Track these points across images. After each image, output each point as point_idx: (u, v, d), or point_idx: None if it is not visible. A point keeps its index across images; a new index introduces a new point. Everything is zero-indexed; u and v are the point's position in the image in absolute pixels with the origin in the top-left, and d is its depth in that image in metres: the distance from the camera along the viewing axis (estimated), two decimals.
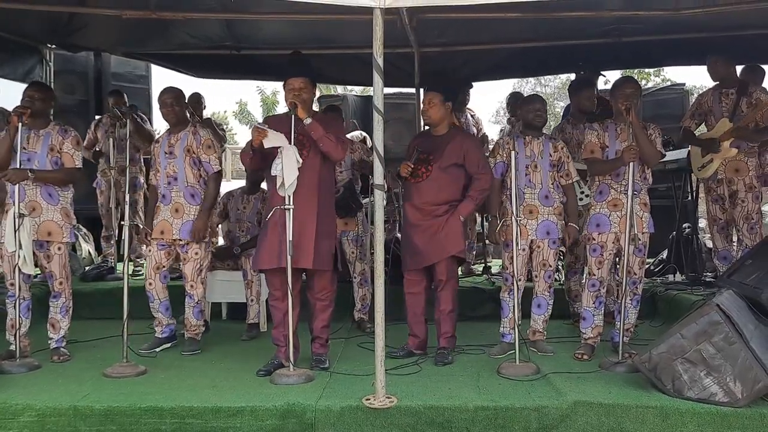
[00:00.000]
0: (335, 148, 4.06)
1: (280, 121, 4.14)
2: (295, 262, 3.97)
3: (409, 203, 4.50)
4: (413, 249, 4.46)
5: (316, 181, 4.08)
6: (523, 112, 4.71)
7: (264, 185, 4.93)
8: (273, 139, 3.94)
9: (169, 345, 4.76)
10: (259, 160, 4.14)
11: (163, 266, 4.71)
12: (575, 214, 4.66)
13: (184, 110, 4.80)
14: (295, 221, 3.93)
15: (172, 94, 4.70)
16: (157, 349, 4.67)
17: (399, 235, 6.41)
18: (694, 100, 5.80)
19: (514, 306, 4.30)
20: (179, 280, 5.01)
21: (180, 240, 4.63)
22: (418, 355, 4.49)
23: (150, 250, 4.67)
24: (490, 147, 6.33)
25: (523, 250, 4.49)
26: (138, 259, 6.74)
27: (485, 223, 6.99)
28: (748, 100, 5.19)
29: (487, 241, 6.89)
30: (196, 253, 4.67)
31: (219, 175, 4.74)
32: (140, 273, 6.46)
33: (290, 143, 3.92)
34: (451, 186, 4.43)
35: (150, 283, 4.67)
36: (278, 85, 4.32)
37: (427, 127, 4.72)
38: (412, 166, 4.41)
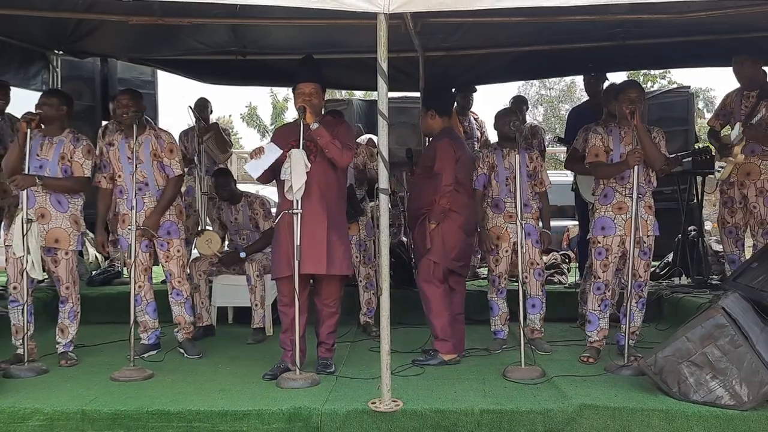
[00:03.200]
0: (340, 155, 4.04)
1: (289, 128, 4.15)
2: (311, 268, 3.99)
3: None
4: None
5: (324, 186, 4.07)
6: (499, 125, 4.81)
7: (247, 188, 4.91)
8: (268, 155, 3.96)
9: (154, 352, 4.72)
10: (270, 173, 4.13)
11: (150, 268, 4.72)
12: (548, 220, 4.91)
13: (141, 114, 4.67)
14: (306, 227, 3.94)
15: (129, 96, 4.61)
16: (145, 356, 4.62)
17: (404, 238, 6.43)
18: (720, 100, 5.73)
19: (522, 306, 4.32)
20: (163, 284, 5.00)
21: (158, 237, 4.62)
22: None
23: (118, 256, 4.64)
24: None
25: (506, 251, 4.72)
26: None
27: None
28: (766, 104, 5.11)
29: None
30: (178, 250, 4.69)
31: (179, 179, 4.71)
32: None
33: (299, 148, 3.93)
34: (429, 189, 4.48)
35: (139, 286, 4.62)
36: (290, 92, 4.35)
37: None
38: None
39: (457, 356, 4.46)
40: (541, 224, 4.83)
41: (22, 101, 5.77)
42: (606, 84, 6.29)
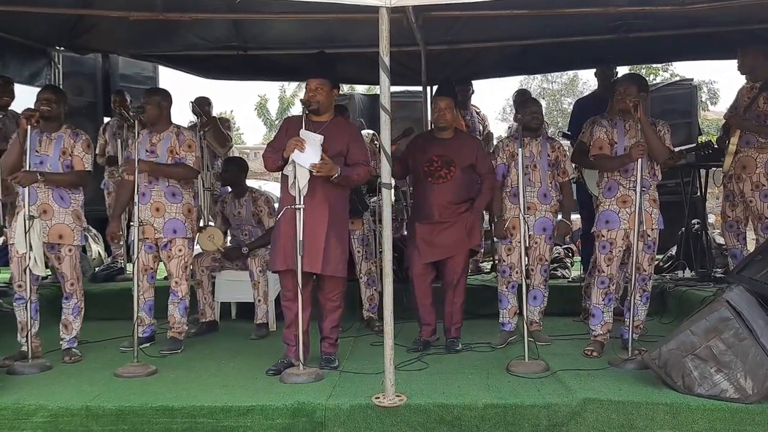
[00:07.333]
0: (365, 178, 4.29)
1: (295, 123, 4.14)
2: (305, 266, 3.98)
3: (430, 202, 4.65)
4: (432, 243, 4.62)
5: (327, 186, 4.07)
6: (522, 115, 4.90)
7: (254, 184, 4.90)
8: (310, 141, 3.94)
9: (148, 345, 4.76)
10: (283, 163, 4.12)
11: (151, 268, 4.74)
12: (569, 210, 4.92)
13: (168, 111, 4.80)
14: (306, 225, 3.94)
15: (159, 94, 4.77)
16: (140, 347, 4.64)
17: (406, 233, 6.42)
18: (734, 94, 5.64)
19: (522, 298, 4.31)
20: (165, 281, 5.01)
21: (162, 238, 4.65)
22: (434, 342, 4.72)
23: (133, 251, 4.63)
24: (494, 143, 6.38)
25: (519, 242, 4.60)
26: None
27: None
28: (766, 96, 5.07)
29: (494, 239, 6.88)
30: (180, 250, 4.70)
31: (190, 169, 4.71)
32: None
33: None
34: (469, 185, 4.71)
35: (138, 284, 4.65)
36: (297, 87, 4.37)
37: (431, 128, 4.91)
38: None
39: None
40: (560, 216, 4.86)
41: (29, 96, 5.75)
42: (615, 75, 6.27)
